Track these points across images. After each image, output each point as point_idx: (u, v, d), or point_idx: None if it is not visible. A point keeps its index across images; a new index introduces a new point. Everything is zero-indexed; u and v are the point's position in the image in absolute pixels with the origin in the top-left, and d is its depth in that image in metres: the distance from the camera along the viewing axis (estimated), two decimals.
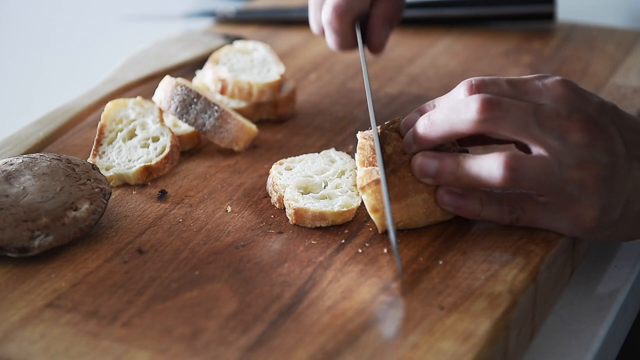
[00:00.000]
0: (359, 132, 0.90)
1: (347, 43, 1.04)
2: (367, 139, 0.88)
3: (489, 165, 0.80)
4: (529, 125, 0.80)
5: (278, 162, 0.94)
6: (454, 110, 0.82)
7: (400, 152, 0.86)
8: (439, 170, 0.83)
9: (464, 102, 0.81)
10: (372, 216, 0.85)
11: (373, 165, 0.86)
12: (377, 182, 0.84)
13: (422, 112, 0.87)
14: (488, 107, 0.80)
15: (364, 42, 1.04)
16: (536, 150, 0.80)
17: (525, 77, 0.84)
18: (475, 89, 0.83)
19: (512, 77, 0.84)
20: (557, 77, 0.83)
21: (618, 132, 0.81)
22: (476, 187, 0.83)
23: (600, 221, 0.81)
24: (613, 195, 0.80)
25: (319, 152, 0.96)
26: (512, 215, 0.83)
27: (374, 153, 0.86)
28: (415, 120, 0.86)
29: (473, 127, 0.81)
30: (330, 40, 1.04)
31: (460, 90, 0.84)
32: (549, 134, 0.80)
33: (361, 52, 0.99)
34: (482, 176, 0.81)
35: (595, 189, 0.80)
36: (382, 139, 0.87)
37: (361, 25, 1.04)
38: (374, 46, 1.04)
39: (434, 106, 0.86)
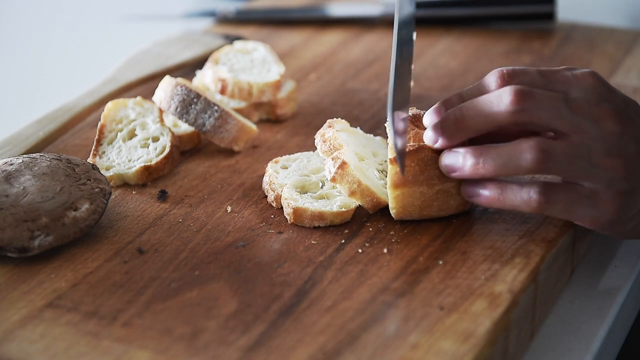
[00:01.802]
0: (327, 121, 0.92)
1: None
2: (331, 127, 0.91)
3: (520, 149, 0.80)
4: (562, 113, 0.81)
5: (273, 160, 0.95)
6: (486, 102, 0.82)
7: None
8: (463, 167, 0.83)
9: (496, 94, 0.82)
10: (352, 199, 0.87)
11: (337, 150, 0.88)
12: (342, 167, 0.86)
13: (447, 105, 0.86)
14: (522, 98, 0.81)
15: None
16: (566, 137, 0.81)
17: (554, 68, 0.85)
18: (507, 78, 0.83)
19: (542, 68, 0.85)
20: (586, 69, 0.85)
21: None
22: (506, 176, 0.83)
23: (626, 207, 0.81)
24: (638, 184, 0.81)
25: None
26: (541, 197, 0.81)
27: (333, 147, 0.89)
28: (440, 114, 0.85)
29: (508, 117, 0.81)
30: None
31: (491, 79, 0.84)
32: (582, 120, 0.81)
33: None
34: (513, 161, 0.81)
35: (624, 177, 0.81)
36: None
37: None
38: None
39: (462, 97, 0.86)
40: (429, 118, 0.86)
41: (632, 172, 0.81)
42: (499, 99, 0.82)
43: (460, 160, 0.83)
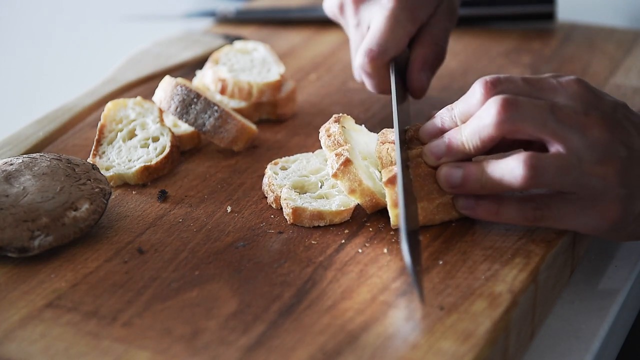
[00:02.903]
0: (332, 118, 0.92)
1: (383, 86, 1.01)
2: (336, 121, 0.91)
3: (510, 167, 0.80)
4: (548, 122, 0.80)
5: (273, 162, 0.95)
6: (477, 119, 0.82)
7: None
8: (464, 179, 0.83)
9: (484, 108, 0.82)
10: (351, 197, 0.87)
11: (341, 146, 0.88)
12: (346, 164, 0.86)
13: (441, 118, 0.87)
14: (506, 107, 0.81)
15: (406, 85, 1.02)
16: (555, 148, 0.81)
17: (540, 75, 0.85)
18: (491, 86, 0.83)
19: (527, 76, 0.85)
20: (572, 76, 0.85)
21: (632, 126, 0.82)
22: (500, 191, 0.83)
23: (625, 213, 0.81)
24: (634, 187, 0.81)
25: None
26: (536, 212, 0.82)
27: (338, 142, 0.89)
28: (436, 128, 0.86)
29: (496, 129, 0.81)
30: (367, 83, 1.02)
31: (476, 89, 0.84)
32: (568, 130, 0.80)
33: (393, 96, 0.96)
34: (505, 178, 0.81)
35: (618, 182, 0.80)
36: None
37: (403, 68, 1.02)
38: (414, 91, 1.02)
39: (452, 109, 0.86)
40: (427, 137, 0.87)
41: (626, 177, 0.80)
42: (486, 112, 0.82)
43: (461, 176, 0.84)
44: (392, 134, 0.89)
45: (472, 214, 0.85)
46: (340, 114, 0.93)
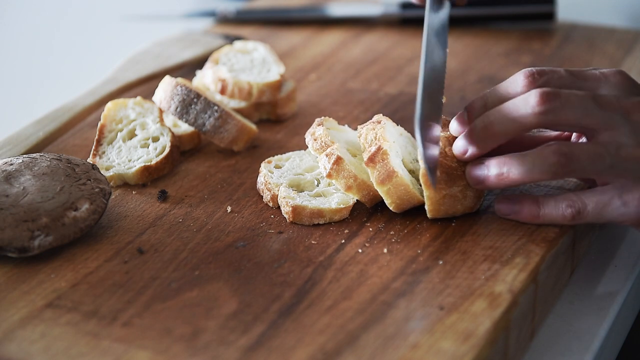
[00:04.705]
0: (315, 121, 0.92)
1: None
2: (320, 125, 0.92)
3: (543, 156, 0.81)
4: (592, 111, 0.81)
5: (266, 160, 0.95)
6: (513, 106, 0.82)
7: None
8: (488, 177, 0.83)
9: (522, 97, 0.82)
10: (349, 194, 0.88)
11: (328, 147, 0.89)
12: (338, 162, 0.87)
13: (470, 110, 0.86)
14: (548, 98, 0.81)
15: None
16: (595, 136, 0.81)
17: (581, 68, 0.86)
18: (537, 76, 0.83)
19: (570, 68, 0.85)
20: (613, 68, 0.85)
21: None
22: (530, 183, 0.83)
23: None
24: None
25: None
26: (573, 209, 0.83)
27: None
28: (465, 118, 0.86)
29: (535, 119, 0.81)
30: None
31: (519, 79, 0.84)
32: (612, 115, 0.81)
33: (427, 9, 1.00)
34: (537, 168, 0.81)
35: None
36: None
37: None
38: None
39: (484, 98, 0.86)
40: (455, 127, 0.86)
41: None
42: (524, 102, 0.82)
43: (485, 171, 0.84)
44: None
45: (513, 217, 0.86)
46: (322, 117, 0.93)
